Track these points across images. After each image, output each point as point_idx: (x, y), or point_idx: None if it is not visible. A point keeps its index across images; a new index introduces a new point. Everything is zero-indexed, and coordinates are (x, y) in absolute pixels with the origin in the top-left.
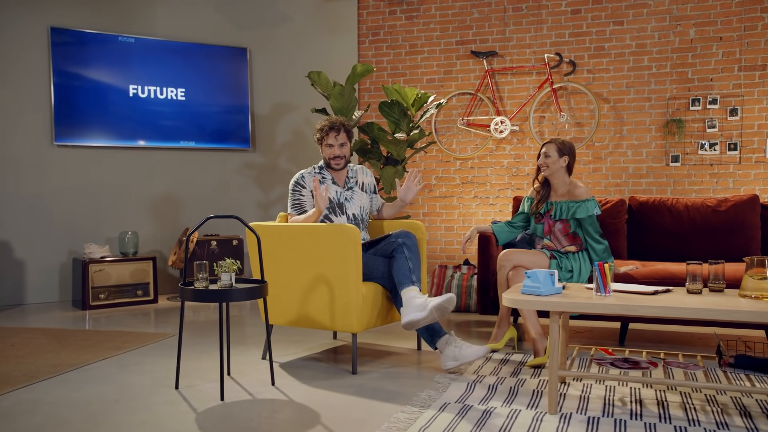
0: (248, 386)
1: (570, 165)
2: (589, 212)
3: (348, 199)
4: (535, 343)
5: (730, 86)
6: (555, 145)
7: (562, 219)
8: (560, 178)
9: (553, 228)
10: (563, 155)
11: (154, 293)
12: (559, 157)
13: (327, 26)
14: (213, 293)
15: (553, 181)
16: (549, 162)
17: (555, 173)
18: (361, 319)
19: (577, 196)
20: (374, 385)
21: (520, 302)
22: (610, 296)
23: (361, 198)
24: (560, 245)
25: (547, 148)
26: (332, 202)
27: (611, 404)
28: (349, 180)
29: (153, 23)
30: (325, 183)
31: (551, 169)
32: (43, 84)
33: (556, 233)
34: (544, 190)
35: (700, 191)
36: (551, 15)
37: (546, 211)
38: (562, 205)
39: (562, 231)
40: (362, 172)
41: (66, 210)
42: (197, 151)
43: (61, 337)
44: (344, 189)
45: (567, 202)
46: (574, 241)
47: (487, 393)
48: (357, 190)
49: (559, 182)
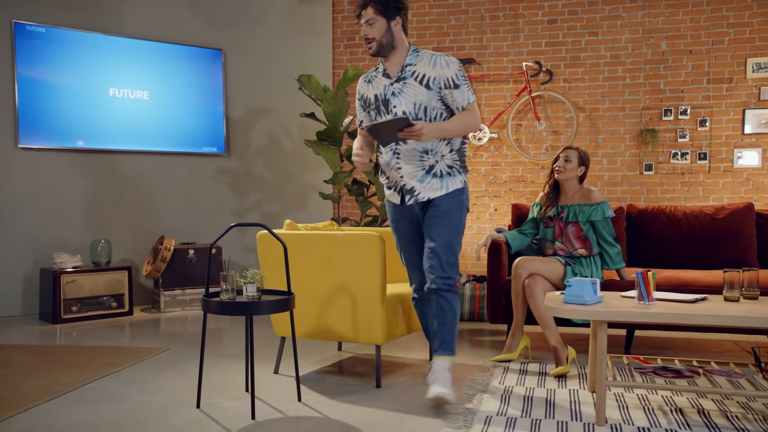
0: (274, 403)
1: (584, 175)
2: (605, 214)
3: (396, 94)
4: (557, 351)
5: (699, 98)
6: (578, 153)
7: (575, 221)
8: (572, 185)
9: (565, 230)
10: (582, 164)
11: (129, 305)
12: (579, 166)
13: (302, 29)
14: (239, 306)
15: (565, 186)
16: (569, 167)
17: (569, 180)
18: (386, 330)
19: (593, 199)
20: (404, 398)
21: (564, 311)
22: (654, 304)
23: (415, 92)
24: (572, 248)
25: (569, 153)
26: (378, 100)
27: (652, 413)
28: (403, 70)
29: (125, 22)
30: (375, 80)
31: (567, 174)
32: (5, 82)
33: (568, 235)
34: (553, 194)
35: (672, 199)
36: (528, 24)
37: (557, 214)
38: (575, 207)
39: (575, 233)
40: (429, 60)
41: (30, 217)
42: (170, 155)
43: (44, 354)
44: (393, 81)
45: (581, 205)
46: (585, 245)
47: (525, 405)
48: (411, 81)
49: (570, 188)
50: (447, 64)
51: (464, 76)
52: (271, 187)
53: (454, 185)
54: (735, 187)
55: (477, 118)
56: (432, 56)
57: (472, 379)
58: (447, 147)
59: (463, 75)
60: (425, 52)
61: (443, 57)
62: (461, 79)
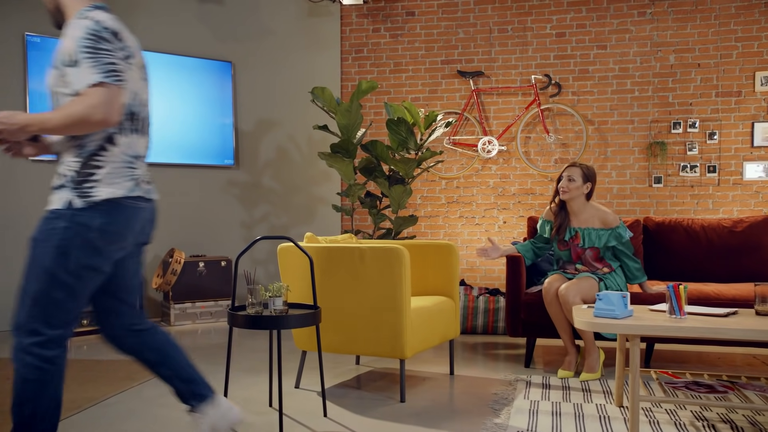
0: (300, 418)
1: (591, 192)
2: (622, 239)
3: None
4: (592, 359)
5: (708, 111)
6: (581, 170)
7: (592, 247)
8: (579, 203)
9: (583, 255)
10: (587, 181)
11: None
12: (583, 183)
13: (310, 42)
14: (267, 320)
15: (572, 206)
16: (572, 186)
17: (575, 199)
18: (411, 344)
19: (608, 224)
20: (430, 413)
21: (596, 326)
22: (686, 318)
23: (48, 73)
24: (594, 269)
25: (571, 171)
26: None
27: (685, 428)
28: None
29: (135, 33)
30: None
31: (572, 194)
32: (17, 94)
33: (587, 259)
34: (562, 214)
35: (681, 212)
36: (536, 37)
37: (571, 238)
38: (591, 233)
39: (593, 257)
40: (71, 26)
41: None
42: (180, 167)
43: None
44: None
45: (597, 230)
46: (605, 264)
47: (554, 420)
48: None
49: (579, 207)
50: (75, 29)
51: (93, 47)
52: (279, 199)
53: (52, 204)
54: (745, 200)
55: (89, 105)
56: (73, 20)
57: (495, 393)
58: (74, 150)
59: (89, 46)
60: (81, 14)
61: (77, 20)
62: (84, 51)
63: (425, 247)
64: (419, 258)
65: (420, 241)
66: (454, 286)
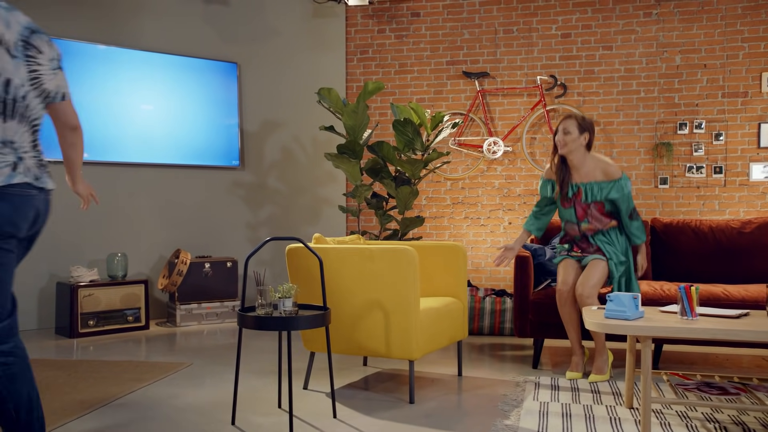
0: (309, 419)
1: (590, 142)
2: (624, 191)
3: None
4: (601, 360)
5: (714, 112)
6: (575, 120)
7: (595, 201)
8: (580, 156)
9: (589, 210)
10: (584, 131)
11: (146, 319)
12: (580, 134)
13: (315, 43)
14: (277, 321)
15: (572, 159)
16: (569, 140)
17: (574, 151)
18: (421, 345)
19: (610, 175)
20: (440, 415)
21: (607, 327)
22: (698, 320)
23: None
24: (602, 225)
25: (566, 124)
26: None
27: (696, 430)
28: None
29: (140, 35)
30: None
31: (570, 147)
32: None
33: (594, 214)
34: (563, 170)
35: (687, 213)
36: (542, 38)
37: (574, 194)
38: (593, 186)
39: (599, 211)
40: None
41: (46, 230)
42: (185, 168)
43: (68, 369)
44: None
45: (598, 183)
46: (612, 218)
47: (564, 422)
48: None
49: (580, 161)
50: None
51: None
52: (284, 200)
53: None
54: (751, 201)
55: None
56: None
57: (504, 395)
58: None
59: None
60: None
61: None
62: None
63: (433, 248)
64: (427, 259)
65: (428, 242)
66: (462, 287)
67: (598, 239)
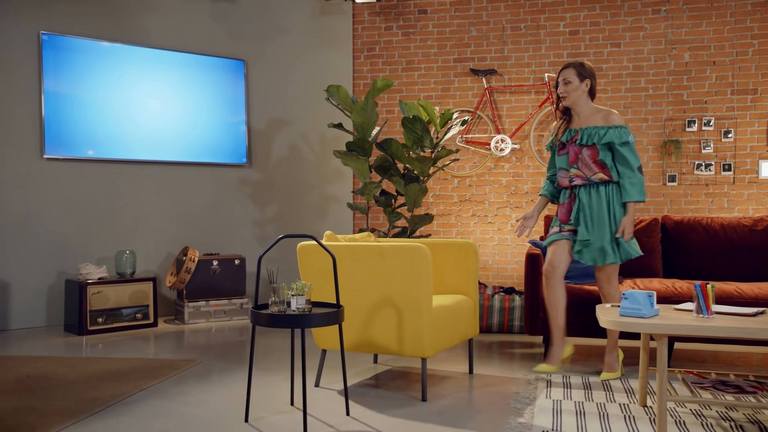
0: (322, 417)
1: (593, 89)
2: (622, 138)
3: None
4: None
5: (723, 109)
6: (574, 69)
7: (590, 144)
8: (583, 104)
9: (581, 154)
10: (584, 79)
11: (154, 316)
12: (581, 82)
13: (322, 40)
14: (290, 318)
15: (576, 109)
16: (569, 89)
17: (577, 100)
18: (433, 343)
19: (611, 122)
20: (453, 413)
21: (623, 325)
22: (714, 318)
23: None
24: (590, 172)
25: (565, 74)
26: None
27: (712, 429)
28: None
29: (148, 32)
30: None
31: (572, 97)
32: (32, 92)
33: (584, 159)
34: (566, 118)
35: (696, 210)
36: (549, 35)
37: (570, 138)
38: (590, 130)
39: (591, 157)
40: None
41: (54, 228)
42: (193, 165)
43: (78, 366)
44: None
45: (596, 127)
46: (603, 170)
47: (578, 419)
48: None
49: (582, 108)
50: None
51: None
52: (291, 197)
53: None
54: (761, 198)
55: None
56: None
57: (516, 392)
58: None
59: None
60: None
61: None
62: None
63: (444, 246)
64: (438, 256)
65: (439, 240)
66: (473, 284)
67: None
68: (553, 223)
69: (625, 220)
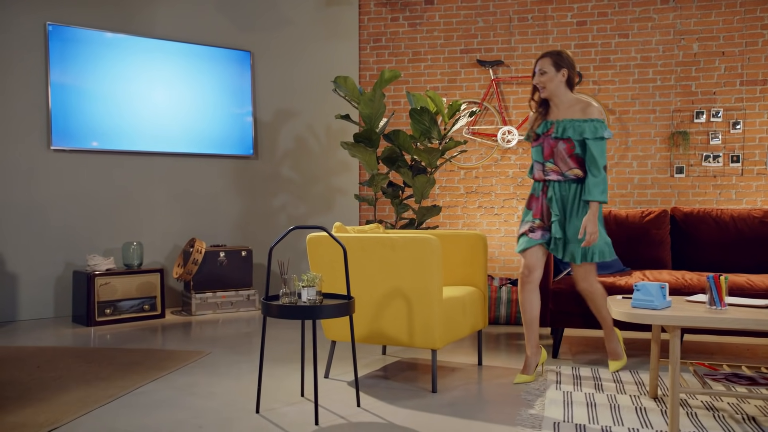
0: (333, 408)
1: (570, 79)
2: (597, 133)
3: None
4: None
5: (732, 100)
6: (550, 58)
7: (566, 138)
8: (561, 95)
9: (556, 148)
10: (561, 68)
11: (162, 307)
12: (557, 72)
13: (329, 31)
14: (301, 309)
15: (554, 100)
16: (545, 80)
17: (554, 91)
18: (443, 334)
19: (588, 114)
20: (464, 404)
21: (635, 317)
22: (728, 310)
23: None
24: (566, 167)
25: (541, 63)
26: None
27: (724, 421)
28: None
29: (154, 23)
30: None
31: (550, 87)
32: (39, 83)
33: (560, 153)
34: (543, 109)
35: (703, 202)
36: (557, 26)
37: (545, 131)
38: (566, 122)
39: (567, 150)
40: None
41: (62, 219)
42: (199, 157)
43: (88, 357)
44: None
45: (572, 120)
46: (580, 165)
47: (589, 411)
48: None
49: (560, 99)
50: None
51: None
52: (297, 189)
53: None
54: None
55: None
56: None
57: (526, 384)
58: None
59: None
60: None
61: None
62: None
63: (454, 238)
64: (446, 248)
65: (448, 231)
66: (482, 276)
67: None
68: (526, 217)
69: (586, 220)
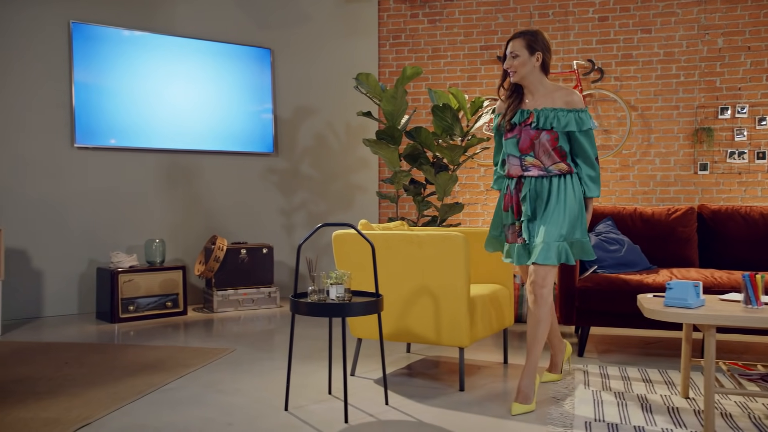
0: (362, 406)
1: (545, 63)
2: (584, 125)
3: None
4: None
5: (758, 95)
6: (524, 40)
7: (548, 129)
8: (534, 80)
9: (538, 140)
10: (535, 52)
11: (184, 304)
12: (531, 56)
13: (348, 28)
14: (329, 307)
15: (527, 86)
16: (517, 64)
17: (527, 76)
18: (471, 332)
19: (572, 104)
20: (492, 402)
21: (669, 315)
22: (764, 308)
23: None
24: (550, 161)
25: (513, 45)
26: None
27: (759, 421)
28: None
29: (175, 21)
30: None
31: (521, 71)
32: (62, 81)
33: (544, 145)
34: (515, 97)
35: (728, 200)
36: (578, 22)
37: (523, 121)
38: (548, 112)
39: (550, 142)
40: None
41: (85, 216)
42: (220, 154)
43: (113, 353)
44: None
45: (555, 110)
46: (563, 159)
47: (620, 410)
48: None
49: (535, 85)
50: None
51: None
52: (317, 186)
53: None
54: None
55: None
56: None
57: (554, 383)
58: None
59: None
60: None
61: None
62: None
63: (479, 235)
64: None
65: (473, 229)
66: (508, 273)
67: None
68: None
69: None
